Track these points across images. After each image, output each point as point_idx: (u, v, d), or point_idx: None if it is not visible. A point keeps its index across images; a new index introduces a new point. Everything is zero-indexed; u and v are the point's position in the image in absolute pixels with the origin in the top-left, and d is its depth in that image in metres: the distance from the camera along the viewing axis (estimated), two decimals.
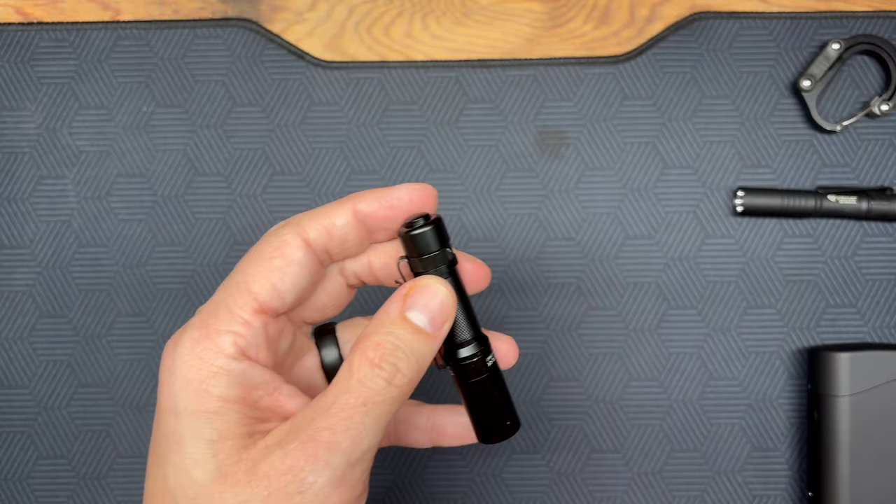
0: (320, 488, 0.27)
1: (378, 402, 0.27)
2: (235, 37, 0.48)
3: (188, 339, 0.28)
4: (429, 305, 0.29)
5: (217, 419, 0.28)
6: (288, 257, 0.29)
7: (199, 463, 0.27)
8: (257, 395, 0.29)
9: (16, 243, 0.47)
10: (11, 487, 0.47)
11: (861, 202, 0.46)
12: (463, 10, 0.49)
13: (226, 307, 0.29)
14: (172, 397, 0.28)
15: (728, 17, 0.48)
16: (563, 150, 0.48)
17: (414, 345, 0.28)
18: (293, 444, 0.27)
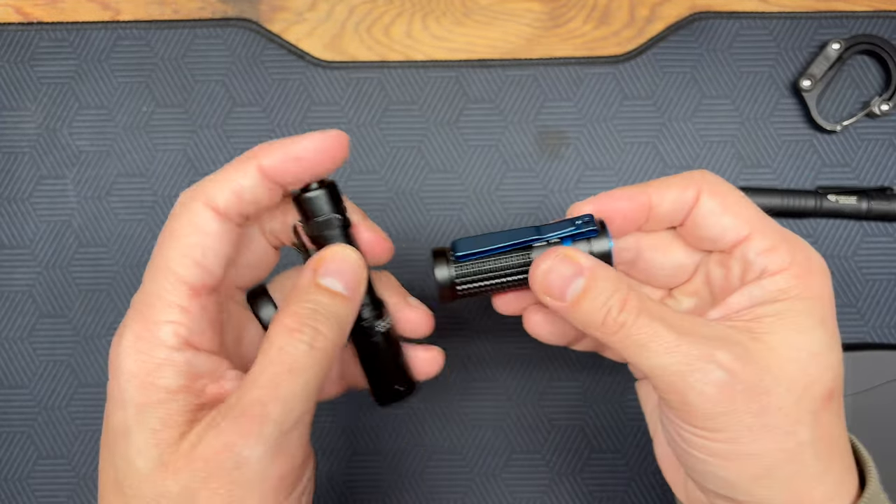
0: (257, 460, 0.27)
1: (303, 368, 0.27)
2: (235, 37, 0.48)
3: (129, 333, 0.28)
4: (341, 271, 0.29)
5: (161, 409, 0.28)
6: (202, 230, 0.29)
7: (142, 452, 0.27)
8: (202, 383, 0.29)
9: (16, 243, 0.47)
10: (11, 487, 0.47)
11: (861, 202, 0.46)
12: (463, 10, 0.49)
13: (157, 296, 0.28)
14: (119, 391, 0.28)
15: (728, 16, 0.48)
16: (563, 150, 0.48)
17: (332, 307, 0.29)
18: (224, 421, 0.27)
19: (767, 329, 0.29)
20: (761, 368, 0.28)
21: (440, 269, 0.31)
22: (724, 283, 0.32)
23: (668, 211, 0.31)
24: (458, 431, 0.47)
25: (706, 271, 0.33)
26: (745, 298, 0.30)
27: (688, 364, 0.28)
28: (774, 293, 0.30)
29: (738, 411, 0.28)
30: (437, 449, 0.47)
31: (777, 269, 0.30)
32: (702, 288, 0.33)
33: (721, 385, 0.28)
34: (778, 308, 0.30)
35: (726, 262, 0.32)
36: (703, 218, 0.31)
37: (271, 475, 0.27)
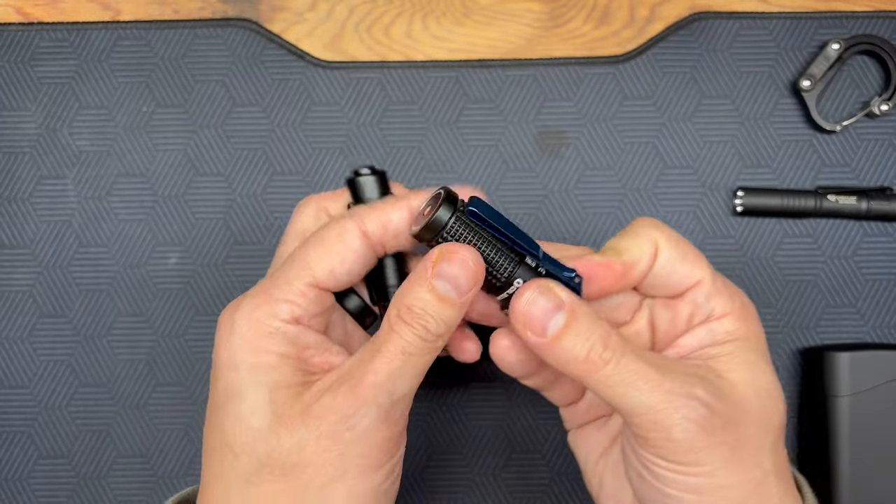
0: (368, 424, 0.30)
1: (414, 353, 0.30)
2: (235, 37, 0.48)
3: (248, 304, 0.32)
4: (455, 276, 0.30)
5: (274, 371, 0.31)
6: (348, 245, 0.33)
7: (255, 411, 0.30)
8: (309, 353, 0.32)
9: (16, 243, 0.47)
10: (11, 487, 0.47)
11: (861, 202, 0.46)
12: (463, 10, 0.49)
13: (285, 279, 0.32)
14: (231, 353, 0.31)
15: (728, 17, 0.48)
16: (563, 150, 0.48)
17: (440, 311, 0.30)
18: (343, 387, 0.30)
19: (726, 367, 0.31)
20: (732, 403, 0.30)
21: (444, 210, 0.31)
22: (669, 326, 0.34)
23: (639, 271, 0.33)
24: (458, 431, 0.47)
25: (650, 314, 0.35)
26: (695, 340, 0.33)
27: (672, 402, 0.29)
28: (723, 335, 0.32)
29: (717, 444, 0.30)
30: (437, 449, 0.47)
31: (722, 312, 0.32)
32: (644, 330, 0.35)
33: (702, 420, 0.29)
34: (729, 349, 0.32)
35: (674, 306, 0.33)
36: (662, 268, 0.33)
37: (377, 438, 0.30)
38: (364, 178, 0.36)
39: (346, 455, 0.30)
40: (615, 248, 0.33)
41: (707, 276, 0.33)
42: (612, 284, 0.32)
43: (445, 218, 0.31)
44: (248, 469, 0.30)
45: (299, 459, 0.30)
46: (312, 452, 0.30)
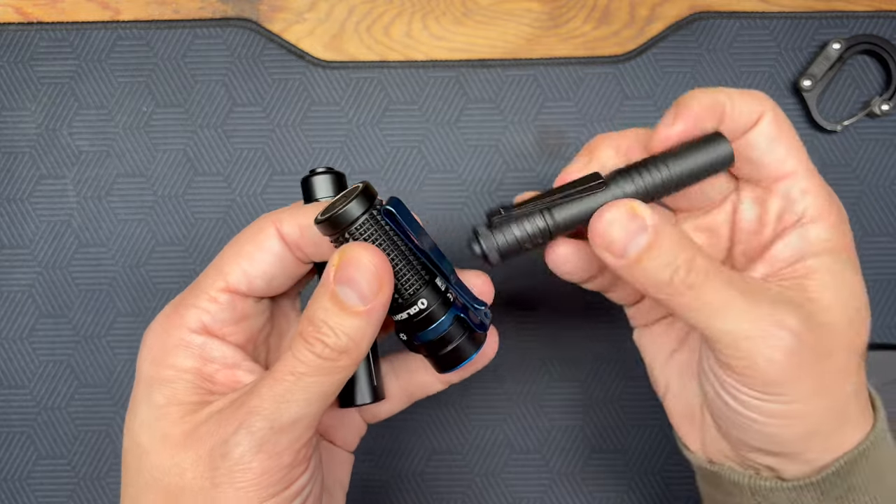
0: (241, 453, 0.27)
1: (304, 373, 0.27)
2: (235, 37, 0.48)
3: (161, 314, 0.30)
4: (356, 279, 0.27)
5: (167, 386, 0.29)
6: (260, 244, 0.30)
7: (144, 426, 0.29)
8: (213, 368, 0.30)
9: (16, 243, 0.47)
10: (11, 487, 0.47)
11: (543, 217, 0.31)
12: (463, 10, 0.49)
13: (198, 286, 0.30)
14: (138, 367, 0.30)
15: (728, 16, 0.48)
16: (563, 150, 0.48)
17: (340, 322, 0.27)
18: (227, 409, 0.28)
19: (820, 287, 0.29)
20: (823, 331, 0.29)
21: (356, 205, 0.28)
22: (756, 225, 0.31)
23: (737, 124, 0.30)
24: (458, 432, 0.47)
25: (734, 207, 0.32)
26: (790, 250, 0.30)
27: (760, 330, 0.28)
28: (818, 244, 0.30)
29: (805, 376, 0.28)
30: (437, 449, 0.47)
31: (816, 214, 0.30)
32: (721, 225, 0.32)
33: (790, 352, 0.28)
34: (825, 262, 0.29)
35: (764, 200, 0.31)
36: (758, 140, 0.30)
37: (252, 469, 0.27)
38: (316, 177, 0.32)
39: (221, 485, 0.27)
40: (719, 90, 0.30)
41: (803, 168, 0.30)
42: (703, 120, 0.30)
43: (355, 213, 0.28)
44: (138, 486, 0.29)
45: (179, 483, 0.28)
46: (190, 478, 0.28)
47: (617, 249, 0.28)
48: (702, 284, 0.28)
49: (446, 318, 0.30)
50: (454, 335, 0.30)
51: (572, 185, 0.30)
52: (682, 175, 0.30)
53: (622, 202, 0.29)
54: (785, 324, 0.28)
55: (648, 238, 0.28)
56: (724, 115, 0.30)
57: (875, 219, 0.47)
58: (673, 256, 0.28)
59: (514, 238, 0.30)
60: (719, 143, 0.30)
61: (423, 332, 0.30)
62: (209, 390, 0.29)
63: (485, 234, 0.30)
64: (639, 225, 0.28)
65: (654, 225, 0.28)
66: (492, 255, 0.30)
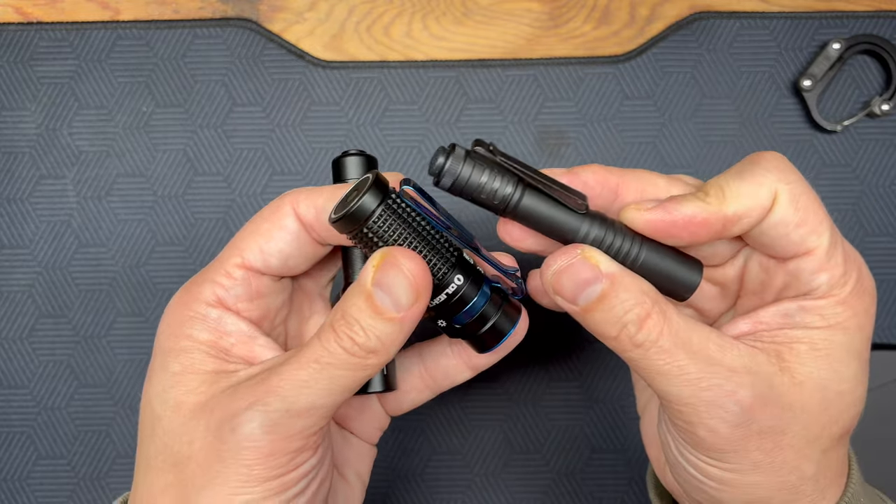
0: (250, 430, 0.27)
1: (330, 364, 0.27)
2: (235, 37, 0.48)
3: (180, 290, 0.31)
4: (393, 287, 0.27)
5: (183, 356, 0.29)
6: (277, 223, 0.30)
7: (159, 394, 0.29)
8: (229, 342, 0.30)
9: (16, 243, 0.47)
10: (11, 487, 0.47)
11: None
12: (463, 10, 0.49)
13: (217, 261, 0.31)
14: (157, 337, 0.30)
15: (728, 16, 0.48)
16: (564, 149, 0.48)
17: (373, 324, 0.27)
18: (245, 383, 0.28)
19: (798, 360, 0.27)
20: (783, 408, 0.27)
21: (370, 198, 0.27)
22: (759, 287, 0.29)
23: (743, 223, 0.27)
24: (458, 432, 0.47)
25: (744, 266, 0.30)
26: (780, 316, 0.28)
27: (706, 400, 0.26)
28: (814, 319, 0.28)
29: (748, 449, 0.27)
30: (437, 449, 0.47)
31: (825, 292, 0.28)
32: (731, 282, 0.31)
33: (736, 425, 0.26)
34: (814, 336, 0.27)
35: (771, 269, 0.29)
36: (772, 228, 0.27)
37: (260, 448, 0.27)
38: (347, 159, 0.31)
39: (226, 459, 0.27)
40: (721, 191, 0.27)
41: (823, 246, 0.27)
42: (702, 239, 0.27)
43: (370, 207, 0.27)
44: (149, 453, 0.29)
45: (188, 452, 0.28)
46: (199, 447, 0.27)
47: (567, 296, 0.27)
48: (651, 344, 0.26)
49: (481, 295, 0.29)
50: (490, 311, 0.30)
51: (558, 184, 0.28)
52: (645, 266, 0.28)
53: (577, 247, 0.27)
54: (736, 395, 0.26)
55: (602, 289, 0.27)
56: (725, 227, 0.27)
57: (875, 219, 0.47)
58: (625, 311, 0.27)
59: (477, 181, 0.27)
60: (692, 272, 0.28)
61: (460, 313, 0.29)
62: (225, 361, 0.29)
63: (458, 156, 0.27)
64: (593, 274, 0.27)
65: (610, 275, 0.27)
66: (447, 177, 0.27)
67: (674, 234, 0.27)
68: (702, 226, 0.27)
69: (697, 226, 0.27)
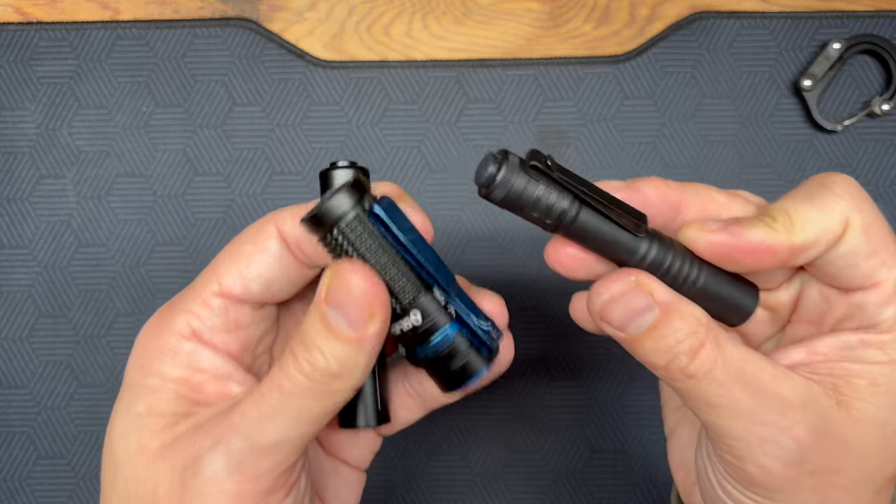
0: (214, 472, 0.25)
1: (293, 393, 0.25)
2: (235, 37, 0.48)
3: (153, 316, 0.28)
4: (343, 304, 0.24)
5: (150, 395, 0.27)
6: (259, 245, 0.28)
7: (122, 437, 0.27)
8: (201, 378, 0.27)
9: (15, 243, 0.47)
10: (11, 487, 0.47)
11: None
12: (463, 9, 0.48)
13: (193, 287, 0.28)
14: (125, 372, 0.28)
15: (729, 16, 0.48)
16: (564, 149, 0.48)
17: (332, 347, 0.25)
18: (207, 422, 0.26)
19: (857, 395, 0.26)
20: (839, 445, 0.25)
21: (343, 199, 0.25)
22: (815, 316, 0.28)
23: (811, 254, 0.25)
24: (458, 432, 0.47)
25: (799, 292, 0.28)
26: (839, 348, 0.26)
27: (760, 436, 0.25)
28: (877, 353, 0.26)
29: (800, 489, 0.25)
30: (437, 449, 0.47)
31: (890, 326, 0.26)
32: (784, 307, 0.29)
33: (790, 463, 0.25)
34: (875, 372, 0.26)
35: (832, 299, 0.27)
36: (840, 258, 0.26)
37: (225, 491, 0.25)
38: (336, 171, 0.28)
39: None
40: (788, 217, 0.25)
41: (893, 279, 0.26)
42: (766, 267, 0.26)
43: (339, 211, 0.25)
44: (112, 500, 0.27)
45: (153, 498, 0.26)
46: (164, 493, 0.25)
47: (616, 324, 0.26)
48: (704, 375, 0.25)
49: (447, 331, 0.27)
50: (455, 351, 0.27)
51: (616, 202, 0.26)
52: (701, 290, 0.26)
53: (628, 273, 0.26)
54: (792, 432, 0.25)
55: (655, 318, 0.25)
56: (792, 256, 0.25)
57: None
58: (678, 341, 0.25)
59: (532, 194, 0.25)
60: (749, 298, 0.27)
61: (421, 346, 0.27)
62: (195, 401, 0.27)
63: (513, 165, 0.25)
64: (646, 303, 0.25)
65: (664, 304, 0.25)
66: (499, 189, 0.24)
67: (736, 260, 0.26)
68: (767, 253, 0.25)
69: (763, 252, 0.25)
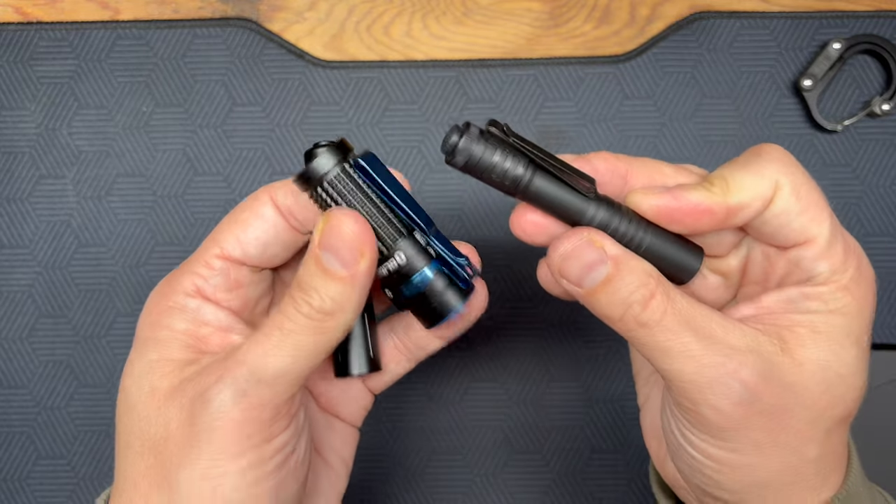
0: (220, 403, 0.27)
1: (293, 330, 0.28)
2: (235, 36, 0.48)
3: (163, 280, 0.31)
4: (335, 246, 0.27)
5: (160, 345, 0.30)
6: (254, 211, 0.31)
7: (136, 381, 0.29)
8: (207, 331, 0.30)
9: (16, 243, 0.47)
10: (11, 487, 0.47)
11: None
12: (463, 9, 0.48)
13: (196, 253, 0.31)
14: (137, 330, 0.31)
15: (729, 16, 0.48)
16: (564, 149, 0.48)
17: (326, 286, 0.28)
18: (213, 364, 0.28)
19: (799, 342, 0.28)
20: (784, 387, 0.27)
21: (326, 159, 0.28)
22: (761, 275, 0.30)
23: (746, 213, 0.28)
24: (459, 432, 0.47)
25: (746, 256, 0.31)
26: (783, 301, 0.29)
27: (709, 377, 0.27)
28: (816, 304, 0.28)
29: (751, 428, 0.27)
30: (437, 449, 0.47)
31: (825, 279, 0.28)
32: (734, 272, 0.31)
33: (739, 402, 0.27)
34: (815, 320, 0.28)
35: (772, 258, 0.30)
36: (774, 217, 0.28)
37: (232, 419, 0.27)
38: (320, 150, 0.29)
39: (200, 434, 0.27)
40: (724, 182, 0.28)
41: (824, 234, 0.28)
42: (706, 227, 0.28)
43: (326, 168, 0.28)
44: (128, 440, 0.29)
45: (165, 434, 0.28)
46: (175, 427, 0.28)
47: (573, 279, 0.28)
48: (655, 323, 0.27)
49: (427, 271, 0.30)
50: (437, 288, 0.30)
51: (568, 167, 0.28)
52: (648, 250, 0.29)
53: (582, 231, 0.28)
54: (738, 374, 0.27)
55: (608, 271, 0.27)
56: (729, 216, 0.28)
57: (875, 219, 0.47)
58: (629, 292, 0.27)
59: (490, 160, 0.28)
60: (693, 257, 0.29)
61: (405, 285, 0.30)
62: (201, 350, 0.30)
63: (473, 135, 0.28)
64: (598, 257, 0.27)
65: (614, 257, 0.27)
66: (461, 155, 0.27)
67: (678, 221, 0.28)
68: (706, 214, 0.28)
69: (701, 214, 0.28)
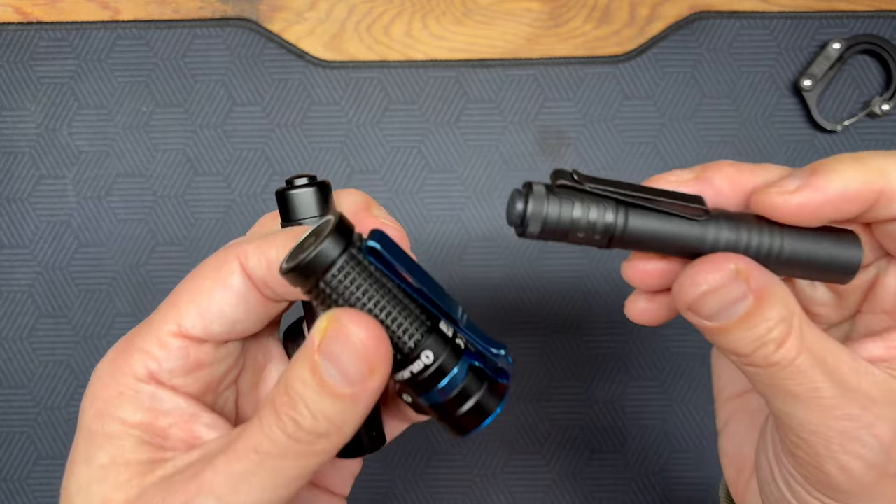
0: None
1: (271, 454, 0.23)
2: (235, 37, 0.48)
3: (111, 351, 0.26)
4: (340, 358, 0.22)
5: (112, 443, 0.25)
6: (220, 281, 0.25)
7: (83, 490, 0.25)
8: (166, 422, 0.25)
9: (16, 243, 0.47)
10: (11, 487, 0.47)
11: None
12: (463, 9, 0.48)
13: (151, 322, 0.26)
14: (80, 416, 0.26)
15: (728, 16, 0.48)
16: (564, 149, 0.48)
17: (322, 403, 0.22)
18: (178, 477, 0.24)
19: None
20: None
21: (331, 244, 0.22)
22: (893, 305, 0.26)
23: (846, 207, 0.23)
24: None
25: (875, 279, 0.26)
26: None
27: (838, 430, 0.23)
28: None
29: (880, 493, 0.24)
30: (438, 449, 0.47)
31: None
32: (854, 293, 0.27)
33: (871, 463, 0.23)
34: None
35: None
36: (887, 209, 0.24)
37: None
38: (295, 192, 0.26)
39: None
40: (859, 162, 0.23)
41: None
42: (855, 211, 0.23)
43: (331, 257, 0.22)
44: None
45: None
46: None
47: (705, 315, 0.23)
48: (788, 363, 0.23)
49: (459, 371, 0.24)
50: (470, 390, 0.24)
51: (665, 194, 0.23)
52: (792, 259, 0.24)
53: (727, 259, 0.23)
54: (875, 429, 0.23)
55: (748, 306, 0.22)
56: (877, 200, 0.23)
57: None
58: (767, 330, 0.23)
59: (569, 217, 0.23)
60: (850, 247, 0.24)
61: (433, 391, 0.24)
62: (161, 447, 0.25)
63: (539, 194, 0.23)
64: (742, 292, 0.22)
65: (758, 289, 0.22)
66: (533, 224, 0.23)
67: (823, 216, 0.23)
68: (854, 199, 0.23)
69: (849, 201, 0.23)
